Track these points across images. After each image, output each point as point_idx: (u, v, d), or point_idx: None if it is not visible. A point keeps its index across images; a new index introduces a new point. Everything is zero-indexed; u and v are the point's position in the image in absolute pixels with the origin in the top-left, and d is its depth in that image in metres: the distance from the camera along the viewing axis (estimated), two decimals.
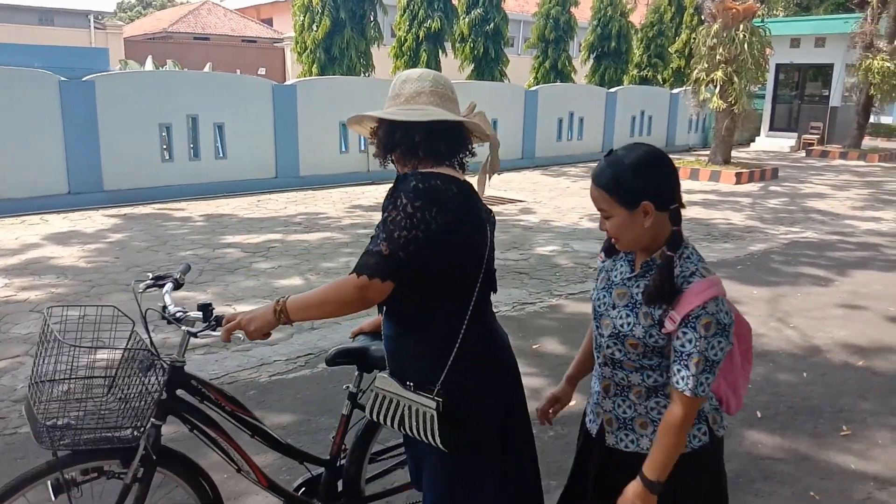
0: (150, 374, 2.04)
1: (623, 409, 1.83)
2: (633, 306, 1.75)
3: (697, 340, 1.63)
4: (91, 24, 31.35)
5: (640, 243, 1.75)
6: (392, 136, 1.93)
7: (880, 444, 3.62)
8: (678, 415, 1.68)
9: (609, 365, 1.83)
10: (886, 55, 18.20)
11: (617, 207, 1.71)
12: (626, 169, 1.70)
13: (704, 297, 1.64)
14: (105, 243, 7.72)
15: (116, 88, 10.24)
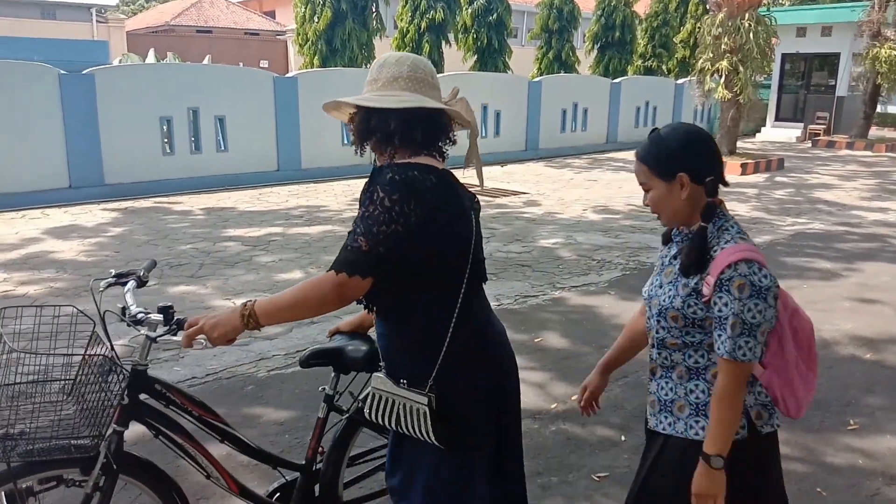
0: (110, 379, 1.94)
1: (665, 390, 1.84)
2: (675, 280, 1.78)
3: (732, 302, 1.64)
4: (93, 18, 31.29)
5: (679, 216, 1.80)
6: (367, 123, 1.86)
7: (888, 439, 3.56)
8: (722, 381, 1.69)
9: (655, 346, 1.86)
10: (894, 44, 18.01)
11: (655, 179, 1.78)
12: (664, 142, 1.78)
13: (734, 258, 1.65)
14: (105, 237, 7.68)
15: (116, 81, 10.19)
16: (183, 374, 4.16)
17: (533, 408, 3.82)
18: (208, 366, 4.24)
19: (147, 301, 5.49)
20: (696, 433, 1.76)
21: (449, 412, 1.82)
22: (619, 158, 16.10)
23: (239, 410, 3.73)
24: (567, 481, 3.14)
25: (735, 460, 1.74)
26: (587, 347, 4.72)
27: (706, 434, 1.72)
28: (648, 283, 1.93)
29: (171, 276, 6.24)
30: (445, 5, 18.33)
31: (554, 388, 4.10)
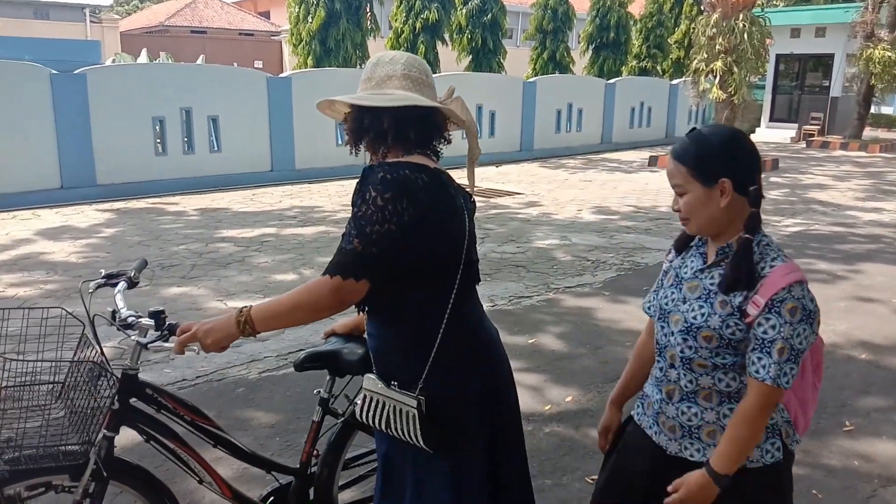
0: (100, 384, 1.89)
1: (689, 416, 1.70)
2: (707, 296, 1.65)
3: (782, 326, 1.54)
4: (87, 18, 31.19)
5: (713, 227, 1.66)
6: (361, 122, 1.83)
7: (884, 440, 3.53)
8: (753, 405, 1.58)
9: (676, 367, 1.71)
10: (887, 44, 18.04)
11: (693, 182, 1.64)
12: (706, 143, 1.64)
13: (790, 279, 1.56)
14: (97, 238, 7.63)
15: (108, 81, 10.13)
16: (173, 377, 4.11)
17: (526, 410, 3.78)
18: (199, 368, 4.19)
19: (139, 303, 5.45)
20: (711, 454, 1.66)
21: (439, 414, 1.78)
22: (613, 159, 16.09)
23: (230, 413, 3.68)
24: (561, 484, 3.11)
25: (770, 485, 1.68)
26: (581, 349, 4.69)
27: (718, 451, 1.62)
28: (658, 296, 1.79)
29: (164, 277, 6.19)
30: (440, 6, 18.32)
31: (548, 389, 4.07)
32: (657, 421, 1.78)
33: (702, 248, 1.75)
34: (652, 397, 1.81)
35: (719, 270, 1.67)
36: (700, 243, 1.77)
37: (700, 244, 1.77)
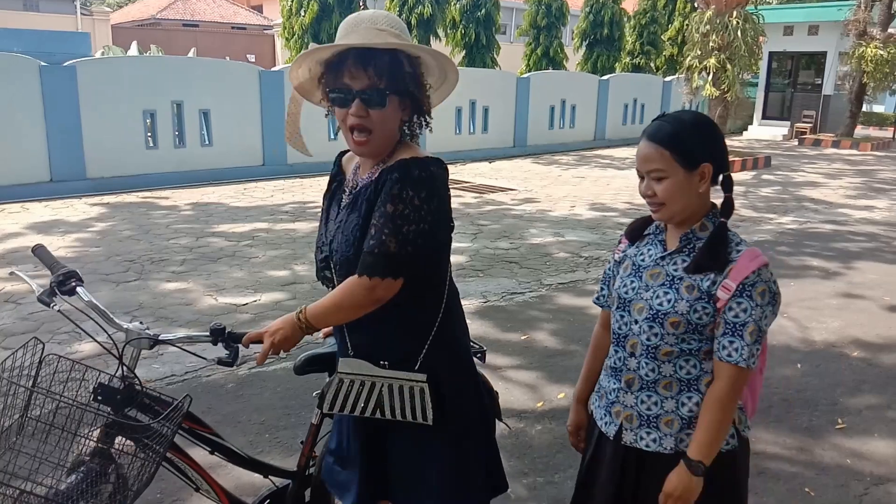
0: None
1: (648, 405, 1.71)
2: (672, 282, 1.66)
3: (753, 309, 1.58)
4: (77, 10, 30.91)
5: (687, 211, 1.67)
6: (401, 70, 1.68)
7: (876, 438, 3.53)
8: (725, 388, 1.61)
9: (637, 356, 1.71)
10: (880, 43, 18.11)
11: (675, 167, 1.62)
12: (687, 127, 1.64)
13: (757, 263, 1.60)
14: (88, 232, 7.55)
15: (99, 74, 10.03)
16: (162, 372, 4.07)
17: (519, 407, 3.76)
18: (188, 363, 4.15)
19: (129, 297, 5.39)
20: (686, 446, 1.68)
21: (440, 387, 1.79)
22: (606, 155, 16.08)
23: (219, 409, 3.65)
24: (553, 482, 3.09)
25: (726, 471, 1.70)
26: (574, 345, 4.67)
27: (694, 439, 1.64)
28: (619, 284, 1.77)
29: (154, 271, 6.13)
30: (433, 0, 18.23)
31: (540, 386, 4.05)
32: (610, 411, 1.80)
33: (660, 235, 1.76)
34: (607, 387, 1.82)
35: (682, 256, 1.68)
36: (658, 231, 1.77)
37: (658, 232, 1.77)
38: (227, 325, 1.95)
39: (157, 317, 5.00)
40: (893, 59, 17.99)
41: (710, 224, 1.67)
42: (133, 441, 1.81)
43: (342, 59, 1.67)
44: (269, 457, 3.14)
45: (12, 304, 5.21)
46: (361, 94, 1.67)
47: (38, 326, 4.73)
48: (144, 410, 1.88)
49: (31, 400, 1.72)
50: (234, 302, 5.39)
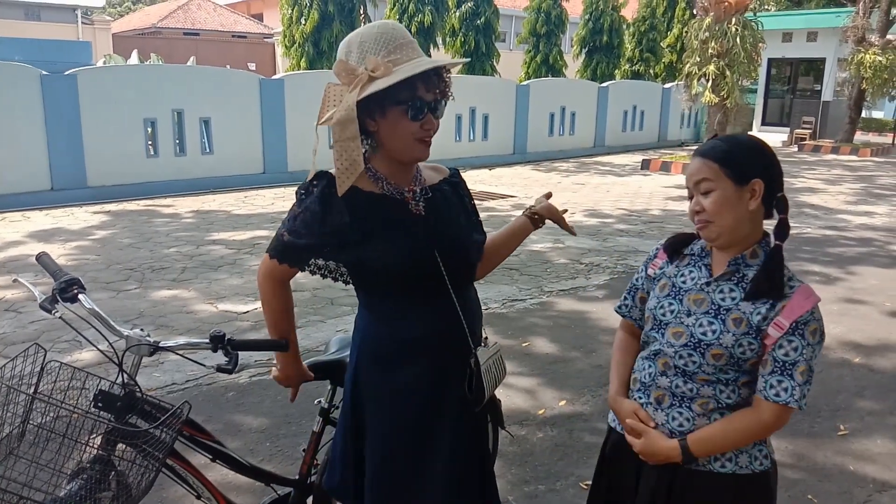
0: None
1: (679, 421, 1.65)
2: (717, 312, 1.59)
3: (804, 348, 1.53)
4: (78, 19, 31.03)
5: (735, 233, 1.58)
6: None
7: (879, 444, 3.52)
8: (766, 424, 1.57)
9: (671, 376, 1.65)
10: (878, 49, 18.14)
11: (724, 180, 1.56)
12: (738, 143, 1.60)
13: (812, 302, 1.55)
14: (88, 241, 7.56)
15: (99, 83, 10.06)
16: (162, 381, 4.07)
17: (520, 414, 3.75)
18: (188, 371, 4.14)
19: (130, 305, 5.40)
20: (721, 465, 1.64)
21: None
22: (606, 162, 16.10)
23: (219, 417, 3.64)
24: (554, 489, 3.08)
25: (758, 493, 1.67)
26: (575, 352, 4.66)
27: (704, 431, 1.61)
28: (656, 304, 1.70)
29: (154, 279, 6.13)
30: (433, 8, 18.30)
31: (541, 393, 4.04)
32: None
33: (705, 259, 1.68)
34: (637, 399, 1.75)
35: (730, 284, 1.61)
36: (703, 254, 1.69)
37: (703, 255, 1.69)
38: (227, 332, 1.95)
39: (158, 325, 5.00)
40: (892, 65, 18.02)
41: (762, 252, 1.61)
42: (133, 447, 1.81)
43: (421, 76, 1.68)
44: (270, 465, 3.13)
45: (13, 312, 5.21)
46: (432, 106, 1.72)
47: (40, 335, 4.73)
48: (145, 417, 1.88)
49: (31, 407, 1.72)
50: (234, 310, 5.39)
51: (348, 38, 1.73)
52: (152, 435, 1.78)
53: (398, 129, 1.70)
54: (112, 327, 1.91)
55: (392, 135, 1.71)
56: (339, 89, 1.66)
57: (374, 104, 1.66)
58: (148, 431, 1.77)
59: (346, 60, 1.67)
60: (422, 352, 1.81)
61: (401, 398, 1.82)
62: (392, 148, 1.74)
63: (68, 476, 1.74)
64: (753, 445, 1.64)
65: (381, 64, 1.63)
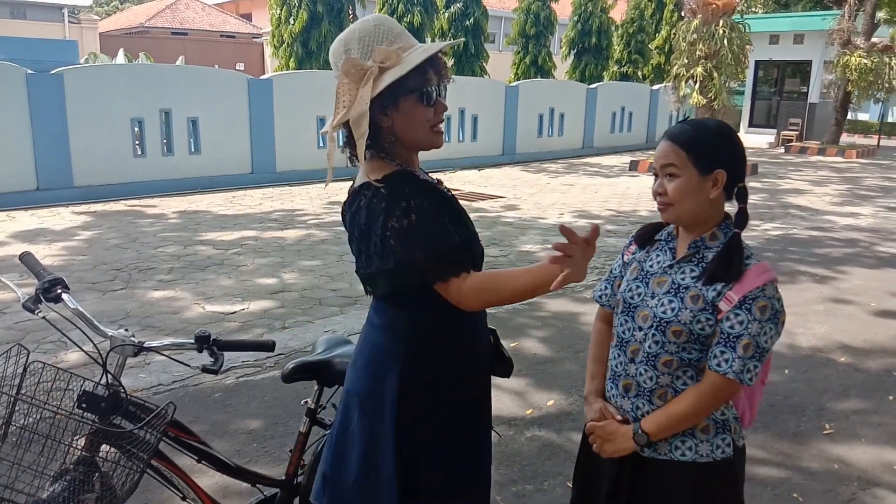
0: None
1: (643, 412, 1.71)
2: (677, 291, 1.66)
3: (750, 323, 1.57)
4: (65, 18, 30.81)
5: (694, 217, 1.66)
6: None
7: (863, 443, 3.55)
8: (707, 393, 1.62)
9: (637, 362, 1.72)
10: (863, 52, 18.31)
11: (689, 167, 1.62)
12: (707, 132, 1.64)
13: (764, 278, 1.59)
14: (74, 241, 7.50)
15: (86, 82, 9.99)
16: (148, 381, 4.04)
17: (508, 414, 3.76)
18: (175, 372, 4.12)
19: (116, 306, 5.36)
20: (682, 454, 1.69)
21: None
22: (594, 163, 16.15)
23: (206, 419, 3.62)
24: (542, 489, 3.08)
25: (721, 480, 1.70)
26: (563, 352, 4.67)
27: (654, 414, 1.67)
28: (626, 287, 1.77)
29: (141, 280, 6.09)
30: (423, 9, 18.29)
31: (529, 394, 4.05)
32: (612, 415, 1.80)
33: (671, 242, 1.75)
34: (608, 391, 1.83)
35: (690, 266, 1.68)
36: (669, 238, 1.76)
37: (669, 239, 1.76)
38: (214, 333, 1.94)
39: (145, 325, 4.96)
40: (877, 67, 18.20)
41: (722, 234, 1.67)
42: (117, 448, 1.79)
43: (430, 60, 1.65)
44: (257, 465, 3.12)
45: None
46: (440, 90, 1.69)
47: (24, 335, 4.68)
48: (129, 418, 1.86)
49: (14, 408, 1.71)
50: (222, 310, 5.36)
51: (342, 36, 1.68)
52: (137, 436, 1.76)
53: (414, 117, 1.65)
54: (96, 327, 1.90)
55: (408, 125, 1.66)
56: (349, 86, 1.61)
57: (388, 97, 1.61)
58: (132, 432, 1.76)
59: (352, 56, 1.62)
60: (473, 345, 1.82)
61: (461, 398, 1.79)
62: (409, 139, 1.68)
63: (51, 478, 1.73)
64: (715, 434, 1.68)
65: (391, 53, 1.60)
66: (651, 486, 1.71)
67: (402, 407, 1.69)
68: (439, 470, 1.75)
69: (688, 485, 1.68)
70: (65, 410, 1.75)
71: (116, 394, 1.86)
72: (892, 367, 4.56)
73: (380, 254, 1.62)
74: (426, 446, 1.73)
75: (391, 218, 1.57)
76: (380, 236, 1.59)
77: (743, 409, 1.77)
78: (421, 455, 1.72)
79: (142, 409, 1.89)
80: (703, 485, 1.68)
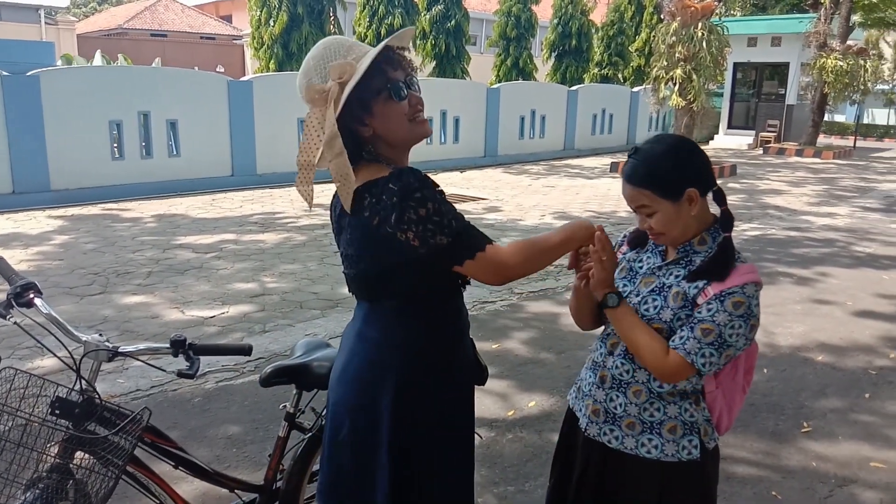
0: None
1: (615, 404, 1.75)
2: (661, 290, 1.69)
3: (717, 312, 1.58)
4: (41, 19, 30.42)
5: (687, 233, 1.68)
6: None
7: (841, 441, 3.59)
8: (659, 353, 1.62)
9: (615, 355, 1.76)
10: (839, 55, 18.57)
11: (659, 201, 1.64)
12: (660, 160, 1.64)
13: (746, 278, 1.61)
14: (50, 245, 7.40)
15: (63, 84, 9.87)
16: (127, 387, 3.99)
17: (489, 416, 3.76)
18: (153, 377, 4.07)
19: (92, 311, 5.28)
20: (647, 451, 1.72)
21: None
22: (576, 165, 16.23)
23: (185, 424, 3.58)
24: (524, 490, 3.08)
25: (687, 481, 1.73)
26: (545, 353, 4.68)
27: (630, 310, 1.68)
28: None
29: (119, 284, 6.02)
30: (404, 11, 18.28)
31: (511, 395, 4.05)
32: (584, 402, 1.84)
33: (661, 246, 1.78)
34: (586, 380, 1.87)
35: (679, 268, 1.70)
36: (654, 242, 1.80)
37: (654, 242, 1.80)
38: (193, 337, 1.92)
39: (123, 330, 4.91)
40: (852, 70, 18.47)
41: (710, 238, 1.69)
42: (92, 455, 1.77)
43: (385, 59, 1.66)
44: (236, 471, 3.09)
45: None
46: (407, 83, 1.68)
47: (0, 340, 4.61)
48: (104, 424, 1.84)
49: None
50: (201, 315, 5.31)
51: (301, 69, 1.69)
52: (111, 442, 1.74)
53: (391, 115, 1.66)
54: (69, 332, 1.87)
55: (388, 124, 1.66)
56: (316, 115, 1.62)
57: (357, 107, 1.63)
58: (107, 438, 1.74)
59: (313, 83, 1.64)
60: (461, 352, 1.82)
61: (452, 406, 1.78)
62: (393, 138, 1.68)
63: (24, 486, 1.70)
64: (682, 435, 1.70)
65: (345, 66, 1.61)
66: (619, 478, 1.75)
67: (396, 419, 1.68)
68: (434, 478, 1.76)
69: (655, 482, 1.71)
70: (38, 417, 1.72)
71: (91, 399, 1.83)
72: (869, 365, 4.62)
73: (397, 248, 1.59)
74: (420, 455, 1.73)
75: (407, 210, 1.56)
76: (395, 230, 1.58)
77: (720, 413, 1.77)
78: (416, 465, 1.72)
79: (117, 414, 1.87)
80: (669, 483, 1.71)
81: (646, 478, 1.72)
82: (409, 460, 1.71)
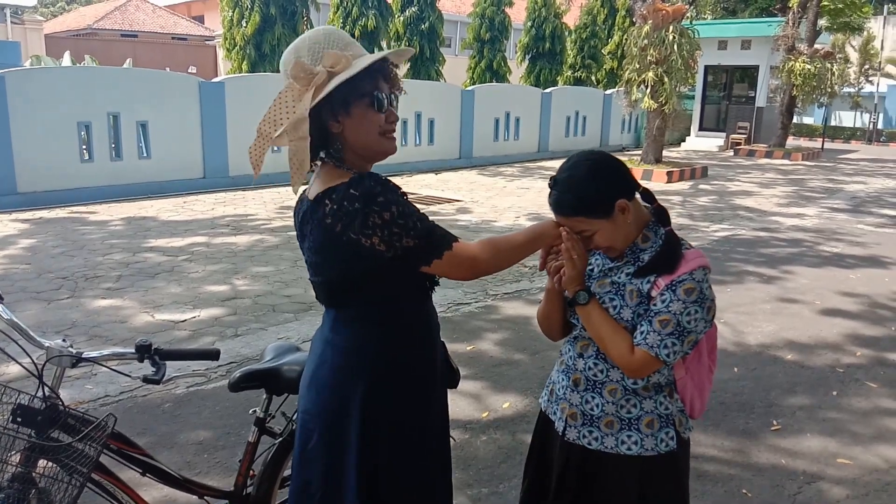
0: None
1: (591, 405, 1.76)
2: (618, 290, 1.72)
3: (672, 302, 1.62)
4: (7, 19, 29.80)
5: (631, 237, 1.72)
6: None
7: (809, 438, 3.64)
8: (629, 357, 1.65)
9: (585, 357, 1.77)
10: (807, 58, 18.91)
11: (594, 222, 1.68)
12: (584, 186, 1.68)
13: (694, 264, 1.65)
14: (16, 249, 7.25)
15: (30, 85, 9.67)
16: (95, 393, 3.92)
17: (464, 417, 3.75)
18: (122, 383, 4.00)
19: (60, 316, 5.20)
20: (628, 448, 1.74)
21: None
22: (549, 167, 16.30)
23: (155, 430, 3.53)
24: (498, 492, 3.08)
25: (666, 473, 1.75)
26: (519, 354, 4.69)
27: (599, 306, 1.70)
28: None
29: (87, 288, 5.92)
30: (377, 13, 18.23)
31: (485, 396, 4.05)
32: (560, 406, 1.85)
33: None
34: (558, 383, 1.87)
35: (627, 268, 1.73)
36: None
37: None
38: (161, 342, 1.89)
39: (91, 335, 4.82)
40: (820, 73, 18.82)
41: (652, 234, 1.73)
42: (55, 462, 1.73)
43: (379, 68, 1.67)
44: (207, 477, 3.05)
45: None
46: (391, 99, 1.69)
47: None
48: (68, 431, 1.80)
49: None
50: (172, 318, 5.24)
51: (294, 44, 1.67)
52: (75, 449, 1.71)
53: (365, 123, 1.64)
54: (32, 338, 1.84)
55: (359, 131, 1.65)
56: (292, 95, 1.59)
57: (339, 102, 1.61)
58: (70, 445, 1.70)
59: (301, 60, 1.61)
60: (432, 354, 1.80)
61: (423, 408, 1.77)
62: (360, 145, 1.67)
63: None
64: (659, 428, 1.73)
65: (341, 57, 1.60)
66: (598, 479, 1.76)
67: (366, 423, 1.67)
68: (403, 482, 1.74)
69: (634, 478, 1.73)
70: None
71: (54, 406, 1.80)
72: (837, 363, 4.70)
73: (363, 254, 1.58)
74: (389, 460, 1.71)
75: (371, 215, 1.54)
76: (360, 236, 1.56)
77: (692, 399, 1.80)
78: (383, 469, 1.70)
79: (81, 421, 1.83)
80: (648, 478, 1.73)
81: (627, 474, 1.74)
82: (377, 467, 1.69)
